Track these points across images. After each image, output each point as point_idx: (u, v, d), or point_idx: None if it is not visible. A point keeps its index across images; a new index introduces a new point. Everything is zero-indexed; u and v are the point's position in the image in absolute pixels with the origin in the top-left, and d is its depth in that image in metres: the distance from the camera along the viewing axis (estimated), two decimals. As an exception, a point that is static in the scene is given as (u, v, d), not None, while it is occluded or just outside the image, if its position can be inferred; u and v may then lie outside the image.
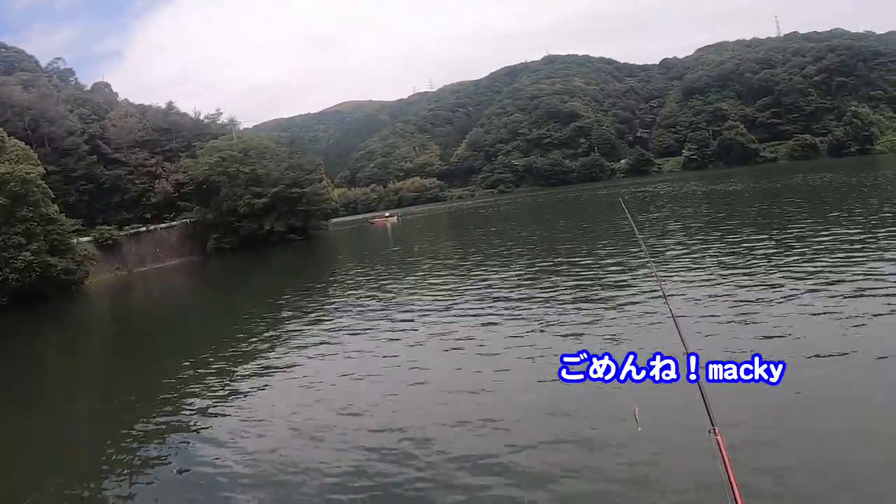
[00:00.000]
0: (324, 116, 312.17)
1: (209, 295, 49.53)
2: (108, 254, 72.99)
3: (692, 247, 29.04)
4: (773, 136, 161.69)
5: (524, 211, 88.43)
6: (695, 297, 18.48)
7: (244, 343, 22.46)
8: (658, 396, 9.35)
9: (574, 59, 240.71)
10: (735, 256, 24.68)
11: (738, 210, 46.55)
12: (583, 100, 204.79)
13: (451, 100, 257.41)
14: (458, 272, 33.07)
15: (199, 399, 16.09)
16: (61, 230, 53.50)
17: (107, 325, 39.51)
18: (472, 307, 22.21)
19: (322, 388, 15.46)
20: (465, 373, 14.89)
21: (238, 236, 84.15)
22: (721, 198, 58.93)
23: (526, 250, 38.58)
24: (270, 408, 14.56)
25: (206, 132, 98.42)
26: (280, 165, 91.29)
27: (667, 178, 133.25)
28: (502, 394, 13.15)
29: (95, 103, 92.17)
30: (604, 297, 20.71)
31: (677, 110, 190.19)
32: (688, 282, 20.90)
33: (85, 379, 23.51)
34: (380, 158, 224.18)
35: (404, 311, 23.42)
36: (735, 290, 18.89)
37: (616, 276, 24.21)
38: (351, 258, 56.38)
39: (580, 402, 11.45)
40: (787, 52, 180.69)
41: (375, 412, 13.05)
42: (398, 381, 15.07)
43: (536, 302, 21.44)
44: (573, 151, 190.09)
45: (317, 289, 36.42)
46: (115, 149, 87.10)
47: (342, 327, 22.24)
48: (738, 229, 33.24)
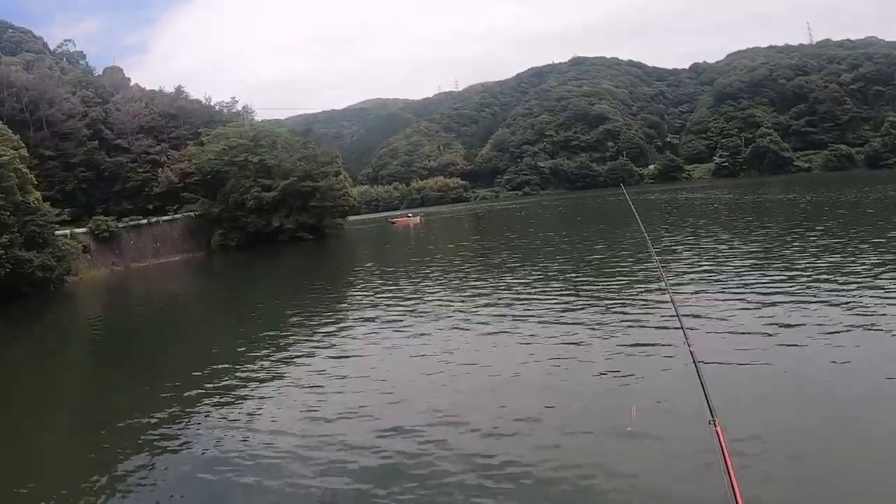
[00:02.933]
0: (348, 113, 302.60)
1: (208, 299, 42.38)
2: (105, 247, 66.57)
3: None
4: (808, 145, 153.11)
5: (555, 215, 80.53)
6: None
7: (233, 362, 18.55)
8: (659, 388, 11.42)
9: (602, 62, 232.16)
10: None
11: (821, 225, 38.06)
12: (611, 103, 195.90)
13: (477, 99, 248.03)
14: (491, 284, 27.58)
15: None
16: (42, 221, 46.42)
17: (72, 333, 32.51)
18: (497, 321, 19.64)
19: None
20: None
21: (245, 233, 76.78)
22: (782, 210, 50.97)
23: (562, 259, 34.08)
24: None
25: (216, 119, 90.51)
26: (292, 156, 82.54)
27: (699, 186, 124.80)
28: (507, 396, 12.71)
29: (100, 86, 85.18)
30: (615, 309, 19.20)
31: (708, 116, 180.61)
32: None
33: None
34: (403, 156, 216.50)
35: (422, 326, 20.47)
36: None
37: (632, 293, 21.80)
38: (367, 263, 48.22)
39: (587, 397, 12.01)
40: (822, 59, 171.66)
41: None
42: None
43: (560, 311, 19.70)
44: (601, 155, 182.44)
45: (329, 302, 29.18)
46: (118, 134, 79.98)
47: (357, 353, 18.14)
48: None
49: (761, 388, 10.90)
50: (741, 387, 11.05)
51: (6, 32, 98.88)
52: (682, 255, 28.63)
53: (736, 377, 11.75)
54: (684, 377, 6.93)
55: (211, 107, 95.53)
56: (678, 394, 10.20)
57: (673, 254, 29.26)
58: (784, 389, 10.97)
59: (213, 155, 78.19)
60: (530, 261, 33.82)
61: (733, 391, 10.51)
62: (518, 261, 34.49)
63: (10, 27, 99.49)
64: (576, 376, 13.42)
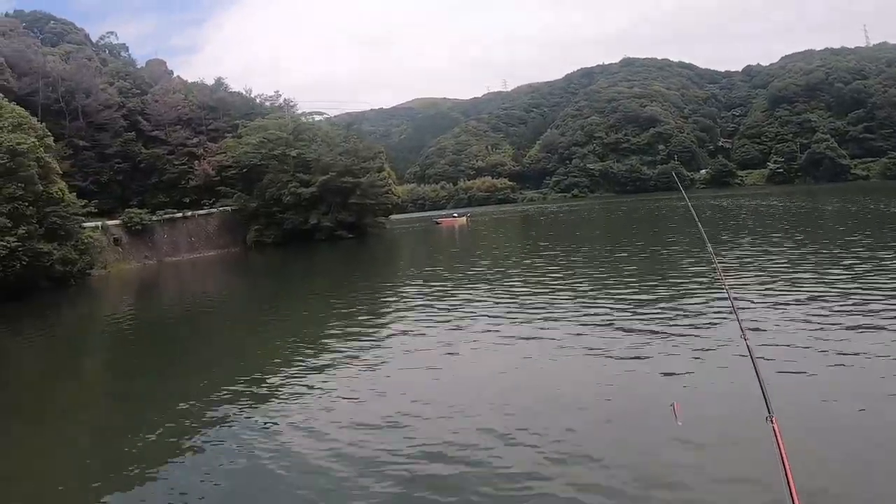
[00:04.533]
0: (395, 112, 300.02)
1: (237, 297, 39.05)
2: (138, 240, 64.11)
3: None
4: (865, 151, 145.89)
5: (612, 219, 75.92)
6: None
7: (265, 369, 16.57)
8: (714, 383, 11.16)
9: (653, 63, 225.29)
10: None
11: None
12: (662, 105, 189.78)
13: (525, 100, 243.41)
14: (544, 289, 24.95)
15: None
16: (64, 212, 43.64)
17: (82, 333, 29.04)
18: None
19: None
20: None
21: (281, 229, 73.47)
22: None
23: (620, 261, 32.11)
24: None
25: (257, 112, 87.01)
26: (332, 151, 78.18)
27: (755, 192, 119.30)
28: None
29: (139, 76, 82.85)
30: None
31: (762, 120, 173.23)
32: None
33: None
34: (451, 156, 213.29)
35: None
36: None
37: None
38: (409, 267, 44.36)
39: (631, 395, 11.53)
40: (881, 63, 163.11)
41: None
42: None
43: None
44: (651, 158, 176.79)
45: (365, 307, 25.78)
46: (155, 125, 77.61)
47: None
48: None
49: (821, 387, 10.62)
50: (800, 384, 10.82)
51: (48, 24, 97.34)
52: (743, 257, 27.65)
53: (795, 374, 11.27)
54: (741, 371, 7.44)
55: (251, 99, 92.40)
56: (735, 388, 10.27)
57: (732, 255, 28.25)
58: (845, 389, 10.50)
59: (251, 147, 75.00)
60: (587, 265, 32.20)
61: (792, 388, 10.46)
62: (574, 264, 32.67)
63: (52, 18, 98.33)
64: (630, 371, 12.91)
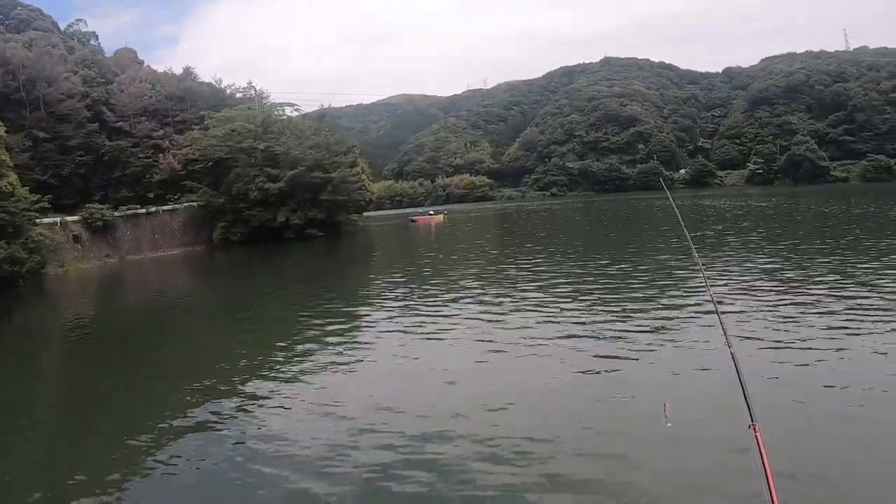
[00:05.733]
0: (374, 108, 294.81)
1: (203, 297, 36.24)
2: (99, 237, 60.55)
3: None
4: (845, 154, 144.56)
5: (592, 219, 73.18)
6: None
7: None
8: (697, 390, 11.05)
9: (633, 63, 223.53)
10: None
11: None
12: (642, 104, 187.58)
13: (505, 97, 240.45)
14: (522, 287, 24.85)
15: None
16: (13, 208, 40.27)
17: (26, 337, 26.00)
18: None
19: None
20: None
21: (248, 227, 69.61)
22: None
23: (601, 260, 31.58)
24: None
25: (226, 103, 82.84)
26: (302, 144, 73.94)
27: (735, 192, 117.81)
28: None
29: (105, 65, 78.43)
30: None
31: (742, 121, 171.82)
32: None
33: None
34: (429, 153, 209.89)
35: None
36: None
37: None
38: (378, 267, 41.84)
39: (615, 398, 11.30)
40: (861, 66, 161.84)
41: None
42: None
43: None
44: (630, 158, 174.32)
45: (330, 312, 22.88)
46: (119, 116, 73.34)
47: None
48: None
49: (805, 394, 10.56)
50: (783, 391, 10.65)
51: (14, 10, 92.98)
52: (726, 259, 27.27)
53: (778, 381, 11.15)
54: (724, 380, 8.36)
55: (221, 90, 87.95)
56: (718, 396, 10.14)
57: (715, 258, 27.64)
58: (830, 397, 10.43)
59: (217, 140, 71.01)
60: (567, 265, 31.23)
61: (775, 395, 10.34)
62: (555, 264, 31.57)
63: (18, 4, 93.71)
64: (612, 373, 12.82)
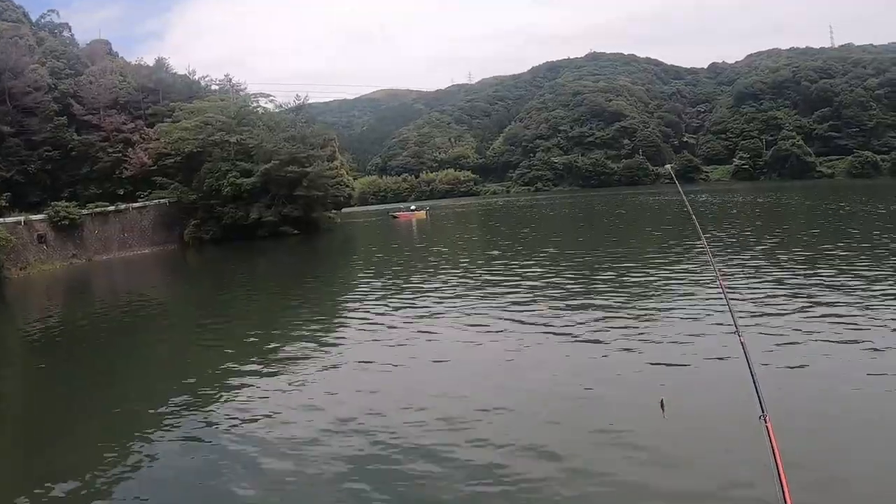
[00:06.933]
0: (359, 102, 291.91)
1: (174, 298, 34.29)
2: (65, 236, 57.23)
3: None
4: (830, 150, 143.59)
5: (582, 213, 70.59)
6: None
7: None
8: (709, 382, 10.92)
9: (619, 58, 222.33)
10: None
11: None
12: (628, 100, 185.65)
13: (490, 92, 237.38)
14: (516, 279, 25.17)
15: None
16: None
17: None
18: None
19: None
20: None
21: (220, 224, 66.37)
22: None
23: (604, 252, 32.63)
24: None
25: (201, 96, 79.14)
26: (276, 136, 70.29)
27: (721, 187, 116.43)
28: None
29: (74, 56, 75.03)
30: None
31: (728, 116, 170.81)
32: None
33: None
34: (413, 148, 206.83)
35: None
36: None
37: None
38: (356, 266, 39.54)
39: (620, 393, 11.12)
40: (847, 63, 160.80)
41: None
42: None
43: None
44: (616, 153, 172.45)
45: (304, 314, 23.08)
46: (88, 110, 69.81)
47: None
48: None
49: (815, 386, 10.49)
50: (794, 383, 10.61)
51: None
52: (733, 251, 27.43)
53: (789, 372, 10.99)
54: (735, 371, 7.91)
55: (195, 81, 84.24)
56: (728, 387, 9.98)
57: (723, 250, 27.78)
58: (840, 389, 10.26)
59: (188, 133, 67.57)
60: (565, 259, 31.33)
61: (786, 386, 10.20)
62: (550, 257, 31.85)
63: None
64: (620, 366, 12.45)
